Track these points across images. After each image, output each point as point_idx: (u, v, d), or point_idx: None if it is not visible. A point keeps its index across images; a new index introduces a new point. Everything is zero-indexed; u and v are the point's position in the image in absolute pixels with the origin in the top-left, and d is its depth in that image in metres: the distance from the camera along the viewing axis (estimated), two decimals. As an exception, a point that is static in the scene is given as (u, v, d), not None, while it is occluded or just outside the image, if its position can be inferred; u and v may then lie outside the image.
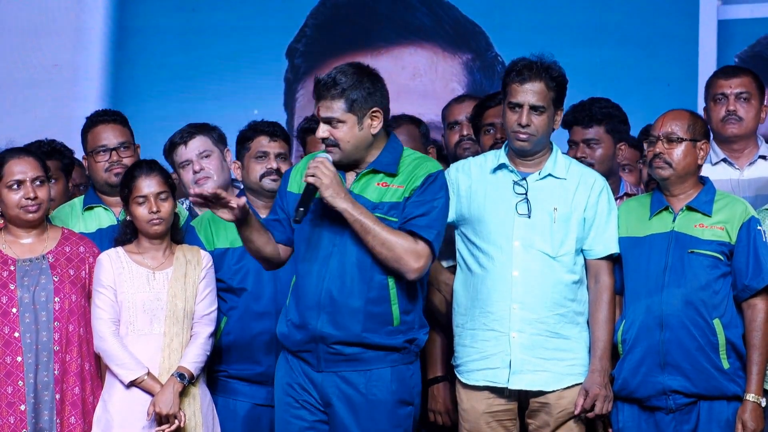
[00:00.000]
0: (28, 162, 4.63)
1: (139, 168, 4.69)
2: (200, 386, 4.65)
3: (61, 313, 4.59)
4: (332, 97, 4.24)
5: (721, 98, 5.18)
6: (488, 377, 4.55)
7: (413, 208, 4.30)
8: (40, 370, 4.54)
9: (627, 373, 4.55)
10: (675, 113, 4.63)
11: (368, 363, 4.32)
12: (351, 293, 4.28)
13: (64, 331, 4.58)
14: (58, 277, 4.61)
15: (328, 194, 4.21)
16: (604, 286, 4.58)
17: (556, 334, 4.53)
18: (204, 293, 4.68)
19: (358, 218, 4.23)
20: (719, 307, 4.50)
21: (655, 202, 4.63)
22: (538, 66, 4.53)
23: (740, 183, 5.13)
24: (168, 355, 4.60)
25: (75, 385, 4.60)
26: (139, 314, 4.61)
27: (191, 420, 4.59)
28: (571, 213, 4.57)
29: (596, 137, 5.08)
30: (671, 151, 4.56)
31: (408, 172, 4.34)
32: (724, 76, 5.24)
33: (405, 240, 4.26)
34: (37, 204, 4.60)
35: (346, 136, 4.27)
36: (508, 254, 4.53)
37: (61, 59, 7.28)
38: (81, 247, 4.71)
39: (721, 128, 5.16)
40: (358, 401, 4.32)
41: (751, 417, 4.47)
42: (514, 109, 4.54)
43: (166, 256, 4.68)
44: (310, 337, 4.31)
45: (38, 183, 4.62)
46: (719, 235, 4.53)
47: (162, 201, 4.63)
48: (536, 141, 4.54)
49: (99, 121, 5.12)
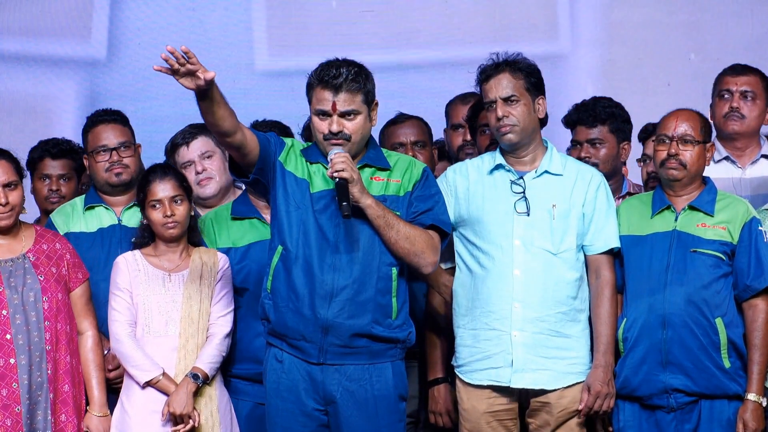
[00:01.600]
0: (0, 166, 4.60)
1: (154, 172, 4.72)
2: (217, 386, 4.67)
3: (50, 312, 4.58)
4: (353, 90, 4.30)
5: (727, 95, 5.19)
6: (491, 377, 4.55)
7: (420, 203, 4.37)
8: (33, 371, 4.53)
9: (628, 372, 4.55)
10: (686, 114, 4.64)
11: (371, 357, 4.34)
12: (363, 284, 4.29)
13: (53, 330, 4.58)
14: (44, 276, 4.60)
15: (356, 190, 4.24)
16: (605, 281, 4.58)
17: (558, 333, 4.54)
18: (220, 295, 4.70)
19: (382, 213, 4.28)
20: (721, 306, 4.52)
21: (656, 201, 4.64)
22: (497, 62, 4.60)
23: (742, 181, 5.14)
24: (183, 356, 4.63)
25: (65, 383, 4.60)
26: (154, 316, 4.64)
27: (208, 420, 4.61)
28: (570, 209, 4.58)
29: (600, 137, 5.08)
30: (686, 153, 4.57)
31: (402, 167, 4.41)
32: (732, 73, 5.25)
33: (424, 234, 4.33)
34: (8, 210, 4.58)
35: (360, 128, 4.33)
36: (508, 253, 4.54)
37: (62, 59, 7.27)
38: (57, 244, 4.70)
39: (723, 124, 5.17)
40: (362, 396, 4.33)
41: (752, 416, 4.48)
42: (490, 108, 4.59)
43: (182, 258, 4.71)
44: (317, 327, 4.30)
45: (10, 188, 4.59)
46: (721, 234, 4.54)
47: (177, 204, 4.66)
48: (521, 131, 4.57)
49: (99, 121, 5.09)
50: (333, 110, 4.30)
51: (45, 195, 5.40)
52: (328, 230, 4.31)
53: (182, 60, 4.01)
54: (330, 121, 4.31)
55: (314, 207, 4.34)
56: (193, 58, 4.02)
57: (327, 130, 4.31)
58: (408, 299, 4.43)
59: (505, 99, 4.55)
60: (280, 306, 4.35)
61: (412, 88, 6.70)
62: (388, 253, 4.33)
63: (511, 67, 4.58)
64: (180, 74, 4.04)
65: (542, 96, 4.61)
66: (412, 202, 4.37)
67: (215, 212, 4.95)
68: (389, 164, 4.41)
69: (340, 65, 4.32)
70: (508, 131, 4.56)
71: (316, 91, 4.33)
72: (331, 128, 4.30)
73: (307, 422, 4.37)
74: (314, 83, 4.34)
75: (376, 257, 4.32)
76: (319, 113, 4.33)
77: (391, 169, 4.41)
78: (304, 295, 4.31)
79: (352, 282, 4.29)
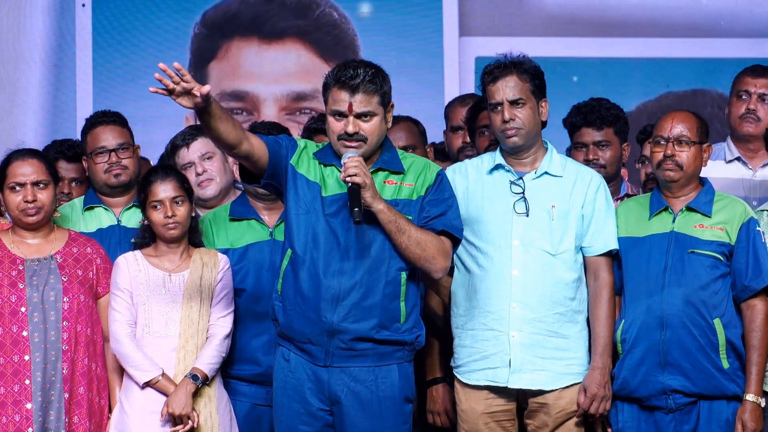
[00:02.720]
0: (31, 164, 4.64)
1: (155, 173, 4.72)
2: (217, 387, 4.67)
3: (69, 312, 4.60)
4: (370, 91, 4.29)
5: (745, 95, 5.21)
6: (488, 377, 4.56)
7: (433, 207, 4.35)
8: (48, 369, 4.55)
9: (627, 373, 4.55)
10: (682, 115, 4.66)
11: (377, 359, 4.33)
12: (370, 288, 4.28)
13: (72, 331, 4.59)
14: (67, 277, 4.63)
15: (368, 195, 4.23)
16: (603, 282, 4.59)
17: (556, 334, 4.54)
18: (220, 296, 4.70)
19: (393, 218, 4.26)
20: (719, 307, 4.52)
21: (654, 203, 4.65)
22: (506, 62, 4.59)
23: (752, 183, 5.16)
24: (183, 357, 4.62)
25: (80, 385, 4.60)
26: (154, 316, 4.64)
27: (207, 421, 4.61)
28: (569, 210, 4.58)
29: (607, 139, 5.08)
30: (682, 154, 4.58)
31: (416, 171, 4.39)
32: (752, 74, 5.27)
33: (436, 239, 4.32)
34: (36, 207, 4.61)
35: (376, 130, 4.32)
36: (507, 253, 4.55)
37: (62, 59, 7.29)
38: (88, 248, 4.72)
39: (738, 125, 5.19)
40: (367, 398, 4.33)
41: (750, 417, 4.49)
42: (496, 109, 4.58)
43: (183, 259, 4.71)
44: (322, 330, 4.30)
45: (40, 186, 4.63)
46: (719, 235, 4.55)
47: (177, 205, 4.66)
48: (526, 134, 4.57)
49: (98, 123, 5.10)
50: (349, 111, 4.29)
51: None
52: (340, 234, 4.31)
53: (176, 78, 3.98)
54: (346, 121, 4.30)
55: (327, 210, 4.33)
56: (187, 75, 3.99)
57: (343, 130, 4.30)
58: (419, 302, 4.43)
59: (512, 102, 4.55)
60: (288, 309, 4.36)
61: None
62: (398, 258, 4.31)
63: (519, 69, 4.57)
64: (176, 93, 4.01)
65: (545, 99, 4.62)
66: (424, 206, 4.35)
67: (214, 213, 4.96)
68: (403, 167, 4.39)
69: (358, 66, 4.31)
70: (513, 134, 4.56)
71: (333, 91, 4.32)
72: (347, 129, 4.29)
73: (312, 422, 4.37)
74: (331, 83, 4.33)
75: (385, 262, 4.30)
76: (335, 114, 4.32)
77: (405, 173, 4.39)
78: (310, 299, 4.31)
79: (359, 286, 4.29)
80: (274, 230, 4.85)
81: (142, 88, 7.00)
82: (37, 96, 7.25)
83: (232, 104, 7.26)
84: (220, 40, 7.31)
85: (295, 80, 7.28)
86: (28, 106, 7.22)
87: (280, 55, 7.30)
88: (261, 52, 7.30)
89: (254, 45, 7.29)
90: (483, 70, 4.64)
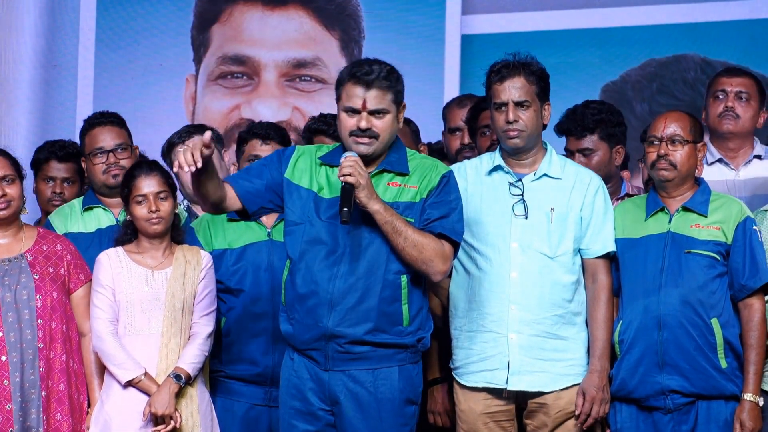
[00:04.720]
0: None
1: (139, 168, 4.70)
2: (198, 386, 4.65)
3: (43, 310, 4.59)
4: (384, 88, 4.27)
5: (721, 95, 5.18)
6: (487, 379, 4.55)
7: (434, 210, 4.31)
8: (26, 369, 4.55)
9: (625, 373, 4.54)
10: (675, 115, 4.65)
11: (377, 361, 4.33)
12: (365, 292, 4.27)
13: (47, 329, 4.59)
14: (38, 275, 4.62)
15: (363, 195, 4.20)
16: (601, 285, 4.57)
17: (554, 335, 4.53)
18: (203, 293, 4.68)
19: (390, 220, 4.23)
20: (717, 306, 4.51)
21: (650, 203, 4.63)
22: (515, 63, 4.54)
23: (736, 183, 5.14)
24: (165, 355, 4.60)
25: (60, 382, 4.60)
26: (137, 313, 4.62)
27: (188, 420, 4.59)
28: (568, 212, 4.56)
29: (590, 146, 5.05)
30: (675, 153, 4.56)
31: (420, 173, 4.36)
32: (727, 74, 5.27)
33: (434, 242, 4.28)
34: (6, 201, 4.61)
35: (388, 127, 4.30)
36: (506, 256, 4.53)
37: (62, 59, 7.28)
38: (58, 245, 4.71)
39: (718, 124, 5.17)
40: (366, 399, 4.33)
41: (749, 417, 4.47)
42: (500, 109, 4.54)
43: (165, 255, 4.68)
44: (319, 335, 4.30)
45: (7, 181, 4.62)
46: (715, 235, 4.53)
47: (161, 200, 4.63)
48: (527, 136, 4.54)
49: (96, 123, 5.12)
50: (363, 107, 4.26)
51: (48, 197, 5.42)
52: (339, 238, 4.29)
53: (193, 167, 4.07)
54: (359, 117, 4.27)
55: (327, 214, 4.32)
56: (205, 151, 4.07)
57: (355, 126, 4.27)
58: (425, 305, 4.41)
59: (518, 103, 4.52)
60: (289, 317, 4.37)
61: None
62: (396, 261, 4.28)
63: (526, 70, 4.54)
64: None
65: (548, 102, 4.60)
66: (425, 209, 4.32)
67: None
68: (408, 169, 4.36)
69: (372, 63, 4.30)
70: (515, 136, 4.53)
71: (347, 86, 4.29)
72: (360, 125, 4.26)
73: (313, 421, 4.38)
74: (345, 79, 4.31)
75: (382, 266, 4.28)
76: (348, 110, 4.29)
77: (410, 175, 4.36)
78: (307, 305, 4.31)
79: (354, 290, 4.27)
80: (272, 230, 4.86)
81: (142, 87, 7.09)
82: (32, 96, 7.25)
83: (233, 68, 7.31)
84: (224, 3, 7.32)
85: (296, 47, 7.27)
86: (23, 107, 7.22)
87: (283, 20, 7.30)
88: (264, 17, 7.30)
89: (257, 10, 7.30)
90: (489, 68, 4.60)
